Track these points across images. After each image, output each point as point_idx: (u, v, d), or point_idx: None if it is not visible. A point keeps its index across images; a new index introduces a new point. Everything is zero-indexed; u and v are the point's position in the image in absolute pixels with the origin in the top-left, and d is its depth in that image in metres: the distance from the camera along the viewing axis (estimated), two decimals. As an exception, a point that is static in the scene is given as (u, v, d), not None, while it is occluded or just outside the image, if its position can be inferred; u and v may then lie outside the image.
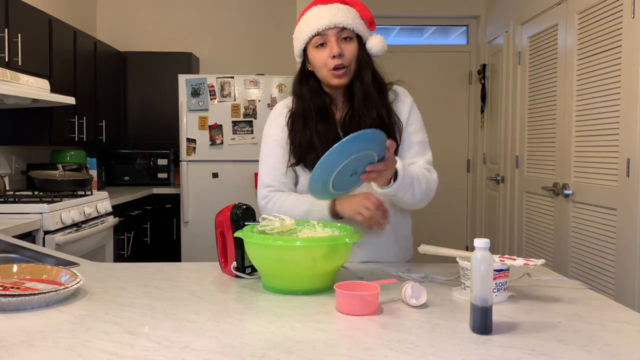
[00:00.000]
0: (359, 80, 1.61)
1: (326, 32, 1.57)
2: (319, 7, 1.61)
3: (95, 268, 1.55)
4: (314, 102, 1.64)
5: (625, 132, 2.57)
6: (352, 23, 1.58)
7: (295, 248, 1.26)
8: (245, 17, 5.04)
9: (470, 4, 4.99)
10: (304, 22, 1.62)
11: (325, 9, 1.59)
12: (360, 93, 1.61)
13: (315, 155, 1.55)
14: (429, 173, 1.62)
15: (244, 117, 4.26)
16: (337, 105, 1.68)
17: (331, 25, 1.56)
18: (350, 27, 1.58)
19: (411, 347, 0.96)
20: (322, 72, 1.60)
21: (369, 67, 1.62)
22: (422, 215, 5.17)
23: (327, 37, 1.57)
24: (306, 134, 1.62)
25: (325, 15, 1.58)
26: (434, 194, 1.63)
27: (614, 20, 2.68)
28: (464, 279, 1.28)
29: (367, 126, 1.55)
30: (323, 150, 1.40)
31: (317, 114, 1.63)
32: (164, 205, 4.48)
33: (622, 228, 2.60)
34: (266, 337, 1.00)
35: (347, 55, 1.58)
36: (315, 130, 1.61)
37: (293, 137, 1.65)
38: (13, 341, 0.97)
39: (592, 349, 0.96)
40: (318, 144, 1.60)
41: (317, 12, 1.60)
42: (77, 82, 3.81)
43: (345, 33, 1.58)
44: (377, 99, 1.61)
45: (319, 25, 1.57)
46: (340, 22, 1.57)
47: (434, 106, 5.14)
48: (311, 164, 1.58)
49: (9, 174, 3.55)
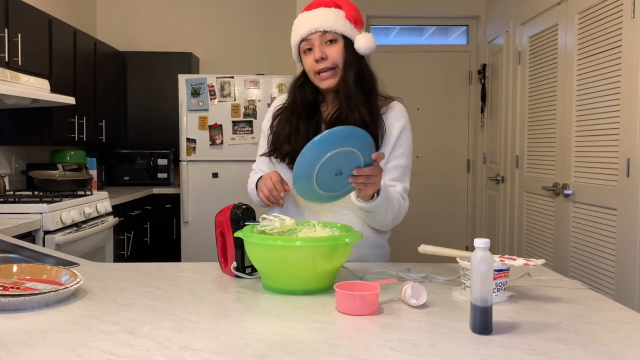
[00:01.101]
0: (343, 82, 1.63)
1: (310, 37, 1.62)
2: (304, 14, 1.66)
3: (95, 268, 1.55)
4: (303, 98, 1.69)
5: (625, 132, 2.57)
6: (333, 25, 1.61)
7: (295, 248, 1.26)
8: (245, 17, 5.04)
9: (470, 4, 4.99)
10: (293, 30, 1.68)
11: (309, 14, 1.64)
12: (344, 93, 1.63)
13: (289, 149, 1.63)
14: (403, 200, 1.65)
15: (244, 117, 4.26)
16: (327, 104, 1.71)
17: (313, 30, 1.61)
18: (332, 29, 1.60)
19: (411, 347, 0.96)
20: (311, 76, 1.66)
21: (352, 67, 1.63)
22: (422, 215, 5.20)
23: (312, 41, 1.62)
24: (286, 127, 1.67)
25: (308, 21, 1.63)
26: (401, 221, 1.67)
27: (614, 20, 2.68)
28: (464, 279, 1.28)
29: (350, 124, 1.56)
30: (297, 146, 1.48)
31: (304, 111, 1.67)
32: (164, 205, 4.48)
33: (622, 228, 2.60)
34: (266, 337, 1.00)
35: (331, 57, 1.61)
36: (295, 125, 1.65)
37: (275, 130, 1.71)
38: (13, 341, 0.97)
39: (592, 349, 0.96)
40: (294, 138, 1.64)
41: (302, 18, 1.66)
42: (77, 82, 3.81)
43: (329, 36, 1.61)
44: (360, 99, 1.62)
45: (302, 32, 1.63)
46: (321, 26, 1.60)
47: (434, 106, 5.14)
48: (283, 156, 1.66)
49: (9, 174, 3.55)
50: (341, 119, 1.62)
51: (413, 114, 5.49)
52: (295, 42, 1.66)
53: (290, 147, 1.63)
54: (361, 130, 1.36)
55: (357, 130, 1.35)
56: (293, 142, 1.63)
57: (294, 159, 1.39)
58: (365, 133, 1.36)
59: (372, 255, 1.70)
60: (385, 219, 1.59)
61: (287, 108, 1.72)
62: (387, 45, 5.14)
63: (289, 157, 1.65)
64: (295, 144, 1.61)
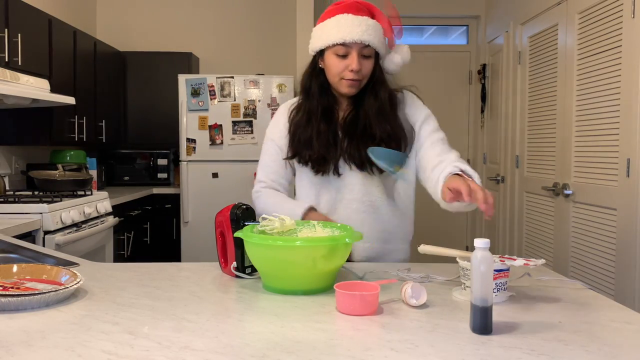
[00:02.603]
0: (372, 96, 1.65)
1: (351, 45, 1.58)
2: (349, 17, 1.59)
3: (95, 268, 1.55)
4: (320, 101, 1.68)
5: (625, 132, 2.57)
6: (376, 42, 1.60)
7: (295, 248, 1.26)
8: (245, 17, 5.04)
9: (470, 4, 4.99)
10: (333, 25, 1.60)
11: (356, 20, 1.58)
12: (375, 108, 1.64)
13: (312, 152, 1.64)
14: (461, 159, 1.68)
15: (244, 117, 4.26)
16: (341, 106, 1.72)
17: (358, 40, 1.57)
18: (374, 45, 1.60)
19: (411, 347, 0.96)
20: (335, 79, 1.64)
21: (383, 84, 1.67)
22: (422, 215, 5.18)
23: (351, 49, 1.59)
24: (307, 130, 1.66)
25: (355, 29, 1.57)
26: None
27: (614, 20, 2.68)
28: (464, 279, 1.28)
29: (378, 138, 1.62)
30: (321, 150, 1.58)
31: (322, 114, 1.67)
32: (164, 205, 4.48)
33: (622, 228, 2.60)
34: (266, 337, 1.00)
35: (364, 72, 1.62)
36: (317, 128, 1.65)
37: (294, 131, 1.70)
38: (13, 341, 0.97)
39: (592, 349, 0.96)
40: (317, 142, 1.65)
41: (347, 21, 1.58)
42: (77, 82, 3.81)
43: (367, 51, 1.60)
44: (390, 114, 1.66)
45: (347, 37, 1.57)
46: (367, 40, 1.58)
47: (434, 106, 5.08)
48: (306, 161, 1.67)
49: (9, 174, 3.55)
50: (357, 122, 1.65)
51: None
52: (332, 41, 1.59)
53: (315, 153, 1.65)
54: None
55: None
56: (316, 147, 1.64)
57: (319, 164, 1.63)
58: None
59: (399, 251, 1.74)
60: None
61: (305, 110, 1.69)
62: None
63: (313, 162, 1.66)
64: (317, 148, 1.64)
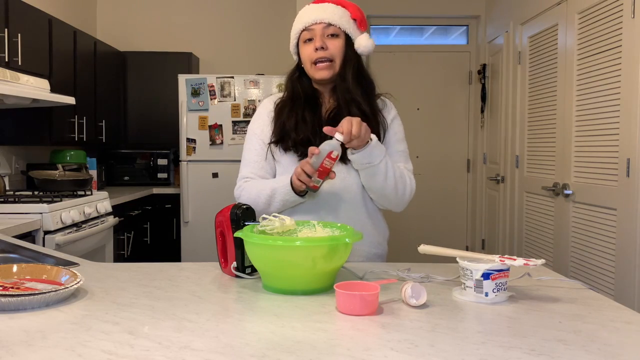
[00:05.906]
0: (340, 77, 1.65)
1: (313, 27, 1.65)
2: (310, 6, 1.69)
3: (95, 268, 1.55)
4: (303, 89, 1.70)
5: (625, 132, 2.57)
6: (338, 20, 1.64)
7: (295, 248, 1.26)
8: (245, 17, 5.04)
9: (470, 4, 4.99)
10: (296, 19, 1.70)
11: (315, 6, 1.68)
12: (342, 90, 1.65)
13: (299, 137, 1.63)
14: (408, 173, 1.66)
15: (244, 117, 4.26)
16: (324, 101, 1.72)
17: (317, 20, 1.64)
18: (337, 24, 1.64)
19: (411, 347, 0.96)
20: (307, 66, 1.67)
21: (351, 64, 1.66)
22: (422, 215, 5.20)
23: (314, 32, 1.64)
24: (291, 118, 1.67)
25: (313, 12, 1.66)
26: (409, 198, 1.66)
27: (614, 20, 2.68)
28: (464, 279, 1.28)
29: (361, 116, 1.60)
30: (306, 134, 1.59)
31: (305, 102, 1.69)
32: (164, 205, 4.48)
33: (622, 228, 2.60)
34: (266, 337, 1.00)
35: (331, 49, 1.64)
36: (301, 116, 1.66)
37: (279, 117, 1.70)
38: (13, 341, 0.97)
39: (592, 349, 0.96)
40: (303, 128, 1.64)
41: (307, 9, 1.69)
42: (77, 82, 3.81)
43: (332, 29, 1.64)
44: (359, 97, 1.64)
45: (307, 21, 1.65)
46: (326, 18, 1.63)
47: (434, 106, 5.14)
48: (292, 145, 1.64)
49: (9, 174, 3.55)
50: (340, 115, 1.60)
51: (413, 114, 5.50)
52: (297, 31, 1.68)
53: (299, 136, 1.63)
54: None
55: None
56: (301, 131, 1.64)
57: (305, 146, 1.53)
58: None
59: (372, 255, 1.70)
60: (386, 181, 1.57)
61: (288, 100, 1.72)
62: (387, 45, 5.14)
63: (298, 146, 1.64)
64: (304, 132, 1.63)
